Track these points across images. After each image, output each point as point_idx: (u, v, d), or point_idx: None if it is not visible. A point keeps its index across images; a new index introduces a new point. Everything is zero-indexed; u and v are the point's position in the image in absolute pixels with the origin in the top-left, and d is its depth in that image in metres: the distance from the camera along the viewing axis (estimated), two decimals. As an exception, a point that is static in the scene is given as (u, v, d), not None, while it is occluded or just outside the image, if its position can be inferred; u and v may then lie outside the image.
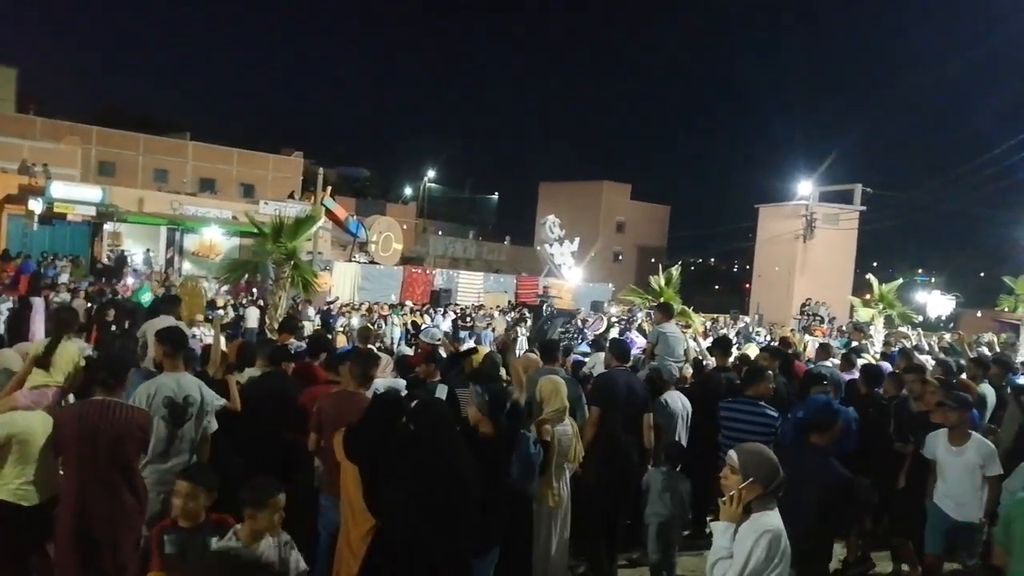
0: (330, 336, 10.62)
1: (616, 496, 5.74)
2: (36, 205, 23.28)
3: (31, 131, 32.27)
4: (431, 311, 22.71)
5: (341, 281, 24.55)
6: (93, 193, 25.01)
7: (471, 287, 29.02)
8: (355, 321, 17.02)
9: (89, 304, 13.99)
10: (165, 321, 6.41)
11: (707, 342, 10.34)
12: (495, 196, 67.56)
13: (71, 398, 4.63)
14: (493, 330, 20.48)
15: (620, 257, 48.73)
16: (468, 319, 22.33)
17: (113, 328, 10.51)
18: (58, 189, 23.87)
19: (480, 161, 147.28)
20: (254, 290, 20.51)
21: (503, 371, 6.69)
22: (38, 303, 11.60)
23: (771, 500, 2.98)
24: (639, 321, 19.87)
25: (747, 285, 44.34)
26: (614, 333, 15.78)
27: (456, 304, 25.82)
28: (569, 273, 32.46)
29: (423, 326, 15.04)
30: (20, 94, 39.28)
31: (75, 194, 24.47)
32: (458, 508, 3.79)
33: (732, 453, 3.08)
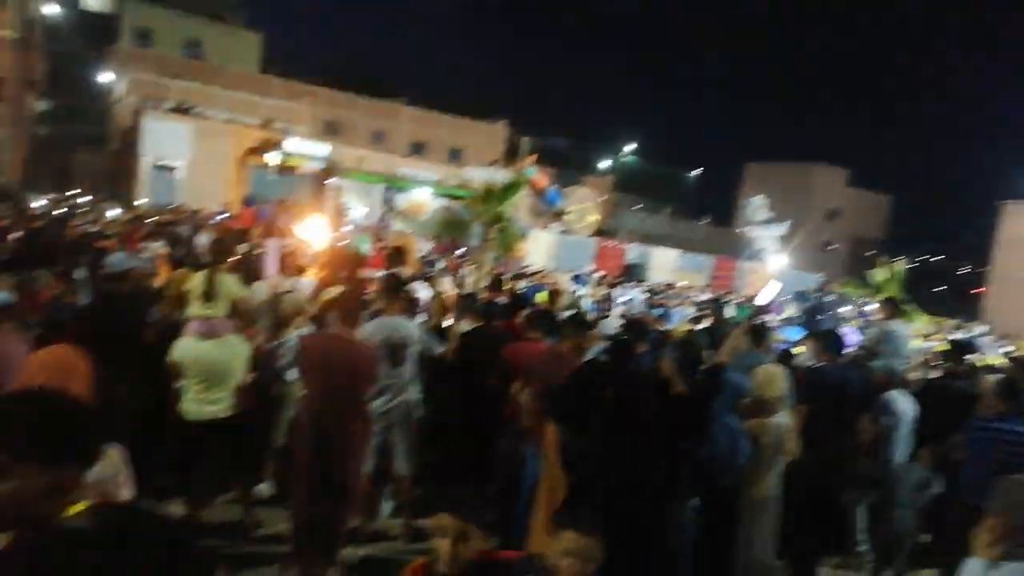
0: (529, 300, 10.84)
1: (824, 497, 5.39)
2: (273, 158, 25.84)
3: (271, 90, 35.72)
4: (622, 285, 22.55)
5: (535, 249, 25.02)
6: (321, 149, 27.28)
7: (664, 264, 28.41)
8: (543, 282, 17.30)
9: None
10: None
11: (934, 344, 9.34)
12: (696, 173, 65.44)
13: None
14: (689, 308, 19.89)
15: (830, 247, 45.42)
16: (659, 296, 21.95)
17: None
18: (292, 144, 26.32)
19: (682, 136, 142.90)
20: (457, 249, 21.45)
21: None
22: (272, 243, 12.87)
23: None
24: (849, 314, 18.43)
25: (978, 290, 39.62)
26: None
27: (644, 280, 25.48)
28: (772, 259, 30.74)
29: (630, 299, 14.90)
30: (263, 57, 43.66)
31: (306, 150, 26.83)
32: (647, 462, 3.74)
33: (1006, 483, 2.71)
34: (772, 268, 30.14)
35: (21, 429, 1.48)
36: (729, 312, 16.99)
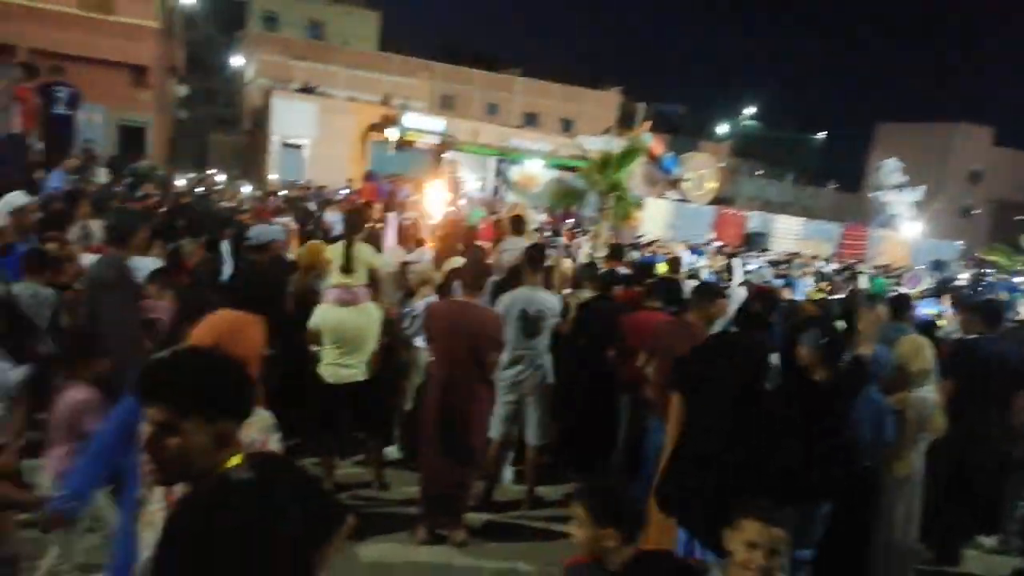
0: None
1: (972, 477, 5.03)
2: (393, 133, 26.54)
3: (389, 67, 36.58)
4: (743, 254, 21.78)
5: (651, 218, 24.52)
6: (437, 124, 27.75)
7: (788, 233, 27.15)
8: (660, 251, 16.97)
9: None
10: (519, 242, 6.91)
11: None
12: (820, 136, 62.02)
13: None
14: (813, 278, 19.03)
15: (972, 211, 42.00)
16: (782, 266, 21.06)
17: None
18: (410, 119, 26.91)
19: (805, 99, 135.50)
20: (568, 220, 21.37)
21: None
22: (391, 217, 13.30)
23: None
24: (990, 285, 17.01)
25: None
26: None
27: (768, 249, 24.47)
28: (907, 226, 28.74)
29: (755, 268, 14.38)
30: (381, 35, 44.75)
31: (423, 124, 27.37)
32: (767, 447, 3.57)
33: None
34: (906, 235, 28.23)
35: (187, 386, 1.58)
36: (862, 282, 16.09)
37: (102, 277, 3.87)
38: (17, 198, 5.34)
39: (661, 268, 8.19)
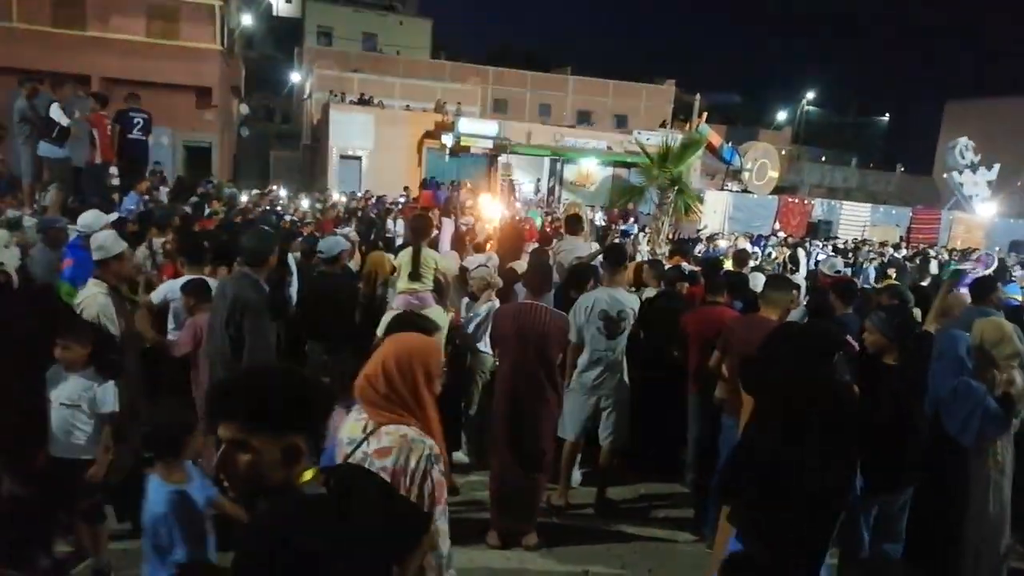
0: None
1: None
2: (448, 140, 26.80)
3: (442, 74, 36.99)
4: (808, 243, 21.21)
5: (712, 210, 24.09)
6: (491, 127, 27.90)
7: (855, 219, 26.30)
8: (722, 244, 16.70)
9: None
10: (575, 242, 6.88)
11: None
12: (884, 119, 59.98)
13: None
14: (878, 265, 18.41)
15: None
16: (849, 255, 20.41)
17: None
18: (464, 125, 27.13)
19: (867, 81, 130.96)
20: (629, 217, 21.19)
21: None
22: (447, 223, 13.40)
23: None
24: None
25: None
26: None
27: (835, 237, 23.75)
28: (982, 207, 27.48)
29: (822, 257, 14.04)
30: (433, 42, 45.26)
31: (477, 129, 27.55)
32: (833, 438, 3.44)
33: None
34: (981, 216, 26.99)
35: (253, 403, 1.60)
36: (934, 267, 15.49)
37: (244, 297, 4.00)
38: (93, 218, 5.56)
39: (726, 262, 8.04)
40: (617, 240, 11.71)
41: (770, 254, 17.14)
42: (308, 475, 1.64)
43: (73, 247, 5.45)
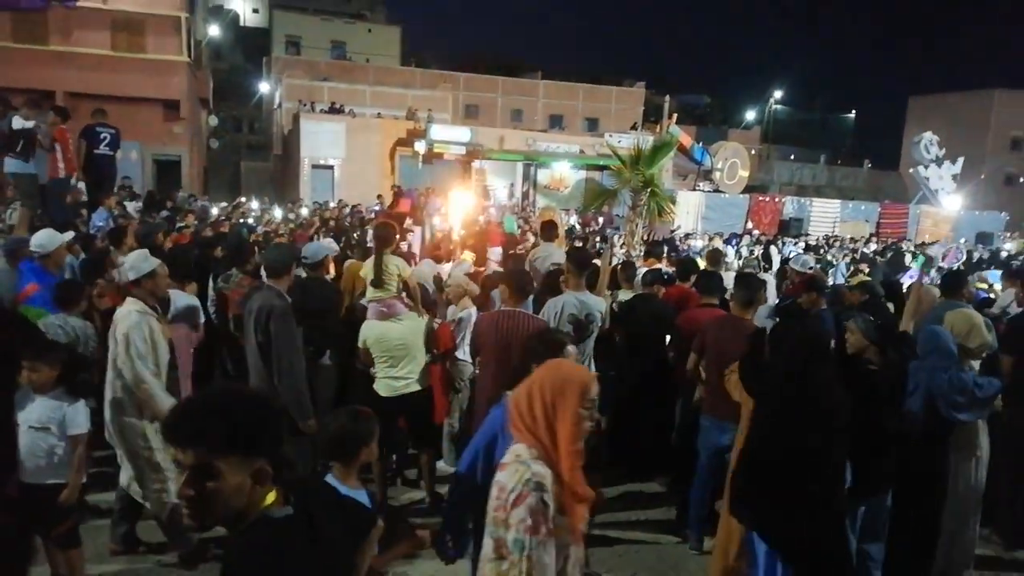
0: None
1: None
2: (420, 147, 26.72)
3: (412, 81, 36.88)
4: (779, 241, 21.45)
5: (684, 211, 24.29)
6: (463, 133, 27.85)
7: (825, 216, 26.68)
8: (697, 245, 16.84)
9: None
10: (550, 248, 6.88)
11: None
12: (851, 115, 60.98)
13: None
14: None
15: (1015, 180, 40.75)
16: (820, 251, 20.68)
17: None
18: (436, 131, 27.04)
19: (833, 79, 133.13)
20: (600, 219, 21.27)
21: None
22: (417, 231, 13.34)
23: None
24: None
25: None
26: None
27: (806, 234, 24.06)
28: (947, 200, 28.02)
29: (792, 255, 14.20)
30: (403, 49, 45.18)
31: (449, 135, 27.49)
32: (820, 443, 3.46)
33: None
34: (948, 210, 27.50)
35: (218, 427, 1.55)
36: (908, 260, 15.74)
37: (269, 304, 4.26)
38: (47, 238, 5.48)
39: (700, 262, 8.09)
40: (598, 242, 11.71)
41: (752, 252, 17.31)
42: (270, 497, 1.62)
43: (34, 270, 5.35)
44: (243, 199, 21.13)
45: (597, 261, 6.08)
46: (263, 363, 4.30)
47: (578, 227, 20.90)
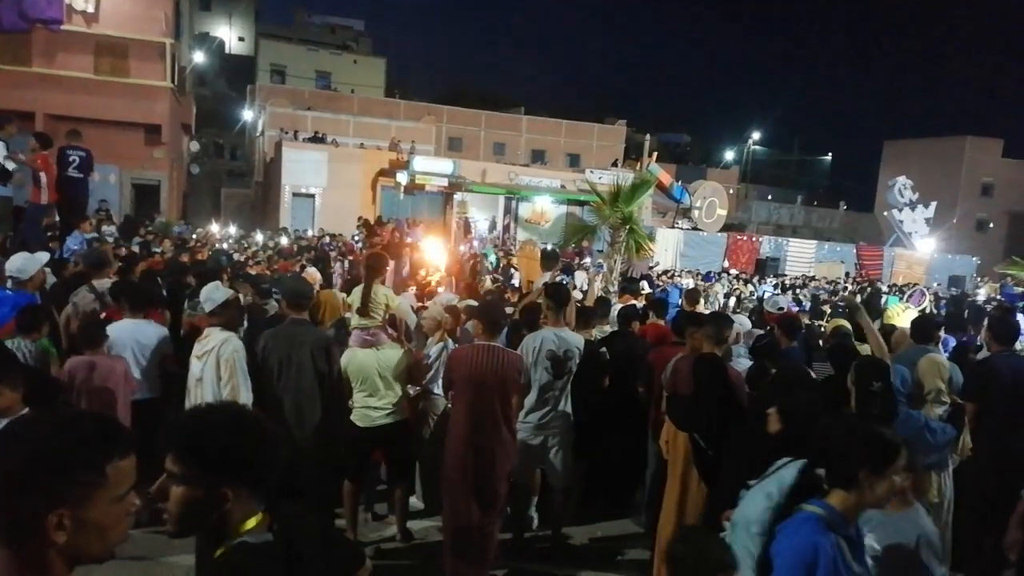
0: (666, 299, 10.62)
1: (992, 505, 4.90)
2: (402, 178, 26.79)
3: (396, 112, 37.17)
4: (755, 281, 21.71)
5: (663, 248, 24.52)
6: (446, 166, 27.99)
7: (801, 256, 27.07)
8: (686, 283, 16.96)
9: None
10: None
11: None
12: (827, 158, 62.18)
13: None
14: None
15: (985, 225, 41.69)
16: (796, 291, 20.94)
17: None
18: (419, 163, 27.15)
19: (810, 121, 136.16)
20: (579, 255, 21.38)
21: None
22: (394, 264, 13.31)
23: None
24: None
25: None
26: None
27: (783, 274, 24.37)
28: (921, 243, 28.57)
29: (767, 295, 14.34)
30: (388, 81, 45.58)
31: (432, 167, 27.61)
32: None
33: None
34: (921, 252, 28.04)
35: (190, 438, 1.57)
36: (882, 302, 15.92)
37: (296, 335, 4.51)
38: (23, 262, 5.42)
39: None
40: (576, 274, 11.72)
41: (752, 293, 17.44)
42: (252, 522, 1.60)
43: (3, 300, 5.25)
44: (211, 227, 21.00)
45: (578, 294, 6.11)
46: (319, 391, 4.50)
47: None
